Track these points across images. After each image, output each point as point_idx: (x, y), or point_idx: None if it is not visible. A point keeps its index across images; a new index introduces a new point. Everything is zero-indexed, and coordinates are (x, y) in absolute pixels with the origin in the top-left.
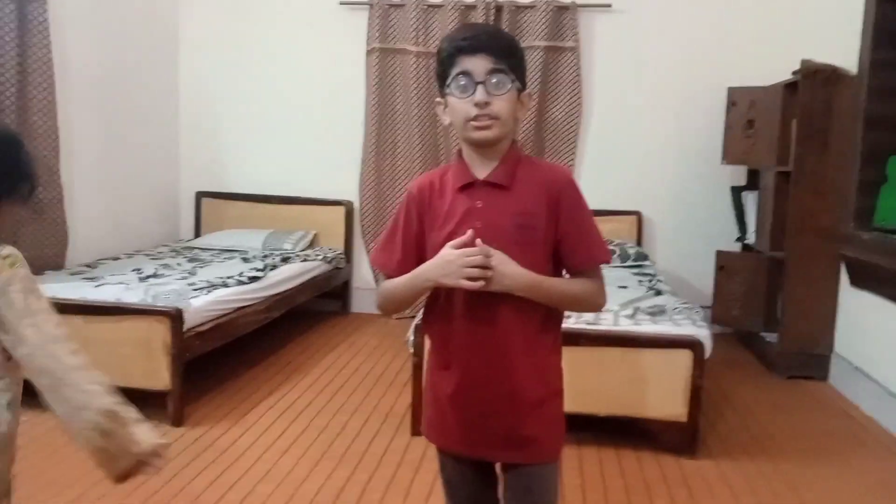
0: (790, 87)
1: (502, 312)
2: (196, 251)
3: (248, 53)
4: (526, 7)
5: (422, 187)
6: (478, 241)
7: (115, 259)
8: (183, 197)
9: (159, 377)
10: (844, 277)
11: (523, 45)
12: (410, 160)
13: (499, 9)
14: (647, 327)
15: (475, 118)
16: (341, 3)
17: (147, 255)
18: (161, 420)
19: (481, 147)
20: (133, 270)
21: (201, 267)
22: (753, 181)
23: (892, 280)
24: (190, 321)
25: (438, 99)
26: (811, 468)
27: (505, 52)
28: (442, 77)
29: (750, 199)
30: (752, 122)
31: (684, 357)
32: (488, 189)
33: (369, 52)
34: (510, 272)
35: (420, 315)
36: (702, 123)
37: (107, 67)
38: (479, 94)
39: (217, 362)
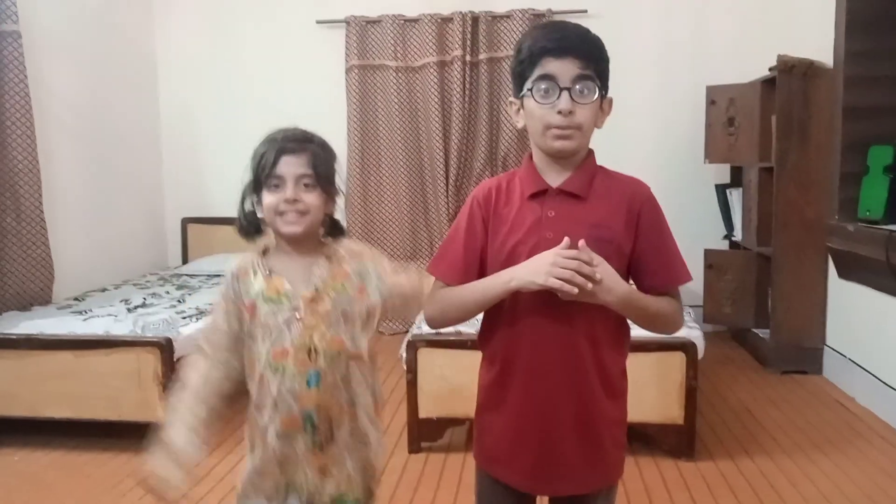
0: (768, 82)
1: (575, 327)
2: (184, 278)
3: (227, 76)
4: (502, 17)
5: (487, 193)
6: (582, 243)
7: (103, 290)
8: (169, 224)
9: (151, 409)
10: (832, 269)
11: (500, 55)
12: (395, 175)
13: (475, 20)
14: (639, 331)
15: (556, 127)
16: (318, 22)
17: (135, 284)
18: None
19: (558, 157)
20: (121, 301)
21: (189, 294)
22: (737, 178)
23: (878, 270)
24: (180, 350)
25: (512, 99)
26: (811, 463)
27: (594, 57)
28: (520, 77)
29: (735, 196)
30: (732, 119)
31: (677, 359)
32: (562, 198)
33: (348, 70)
34: (615, 286)
35: (413, 331)
36: (682, 123)
37: (85, 98)
38: (564, 102)
39: None
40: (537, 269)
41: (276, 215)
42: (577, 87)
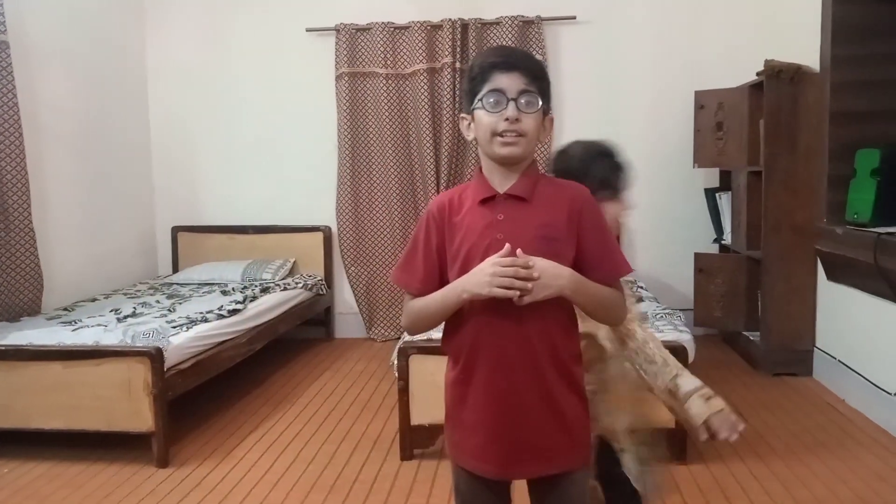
0: (756, 87)
1: (528, 320)
2: (175, 287)
3: (217, 85)
4: (491, 24)
5: (441, 205)
6: (519, 251)
7: (93, 300)
8: (159, 233)
9: (142, 419)
10: (821, 272)
11: None
12: (386, 182)
13: (465, 27)
14: None
15: (503, 133)
16: (308, 30)
17: (125, 293)
18: (146, 462)
19: (505, 163)
20: (111, 311)
21: (180, 303)
22: (726, 182)
23: (867, 272)
24: (170, 359)
25: (463, 115)
26: (803, 466)
27: (537, 74)
28: (471, 93)
29: (724, 200)
30: (721, 124)
31: None
32: (510, 202)
33: (338, 77)
34: (559, 273)
35: (404, 338)
36: (672, 128)
37: (76, 107)
38: (511, 110)
39: (201, 399)
40: (480, 281)
41: None
42: (523, 99)
